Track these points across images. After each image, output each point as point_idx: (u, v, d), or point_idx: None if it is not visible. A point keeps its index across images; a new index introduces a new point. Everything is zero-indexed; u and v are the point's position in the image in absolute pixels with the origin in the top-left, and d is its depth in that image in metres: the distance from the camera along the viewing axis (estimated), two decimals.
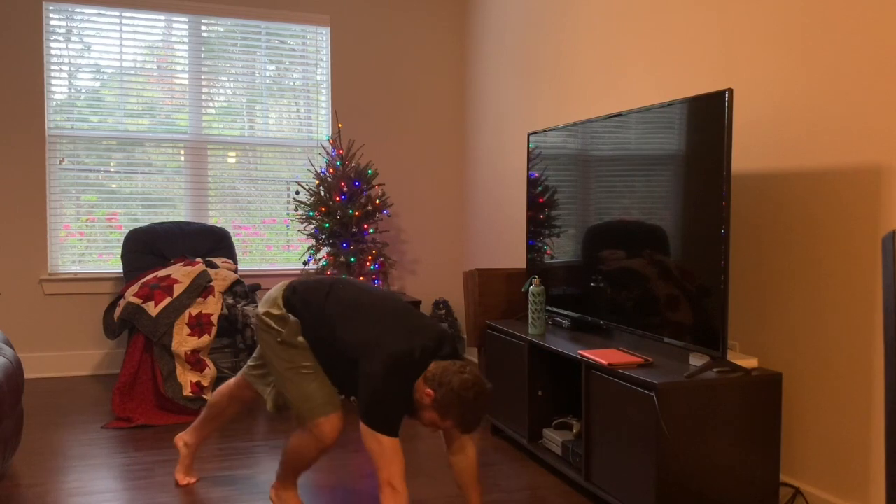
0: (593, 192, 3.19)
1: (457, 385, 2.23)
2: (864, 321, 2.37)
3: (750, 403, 2.50)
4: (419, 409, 2.34)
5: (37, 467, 3.15)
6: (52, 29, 4.84)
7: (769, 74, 2.72)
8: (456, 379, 2.24)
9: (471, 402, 2.23)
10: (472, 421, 2.25)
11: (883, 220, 2.30)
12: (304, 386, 2.47)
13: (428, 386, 2.28)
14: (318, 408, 2.46)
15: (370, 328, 2.39)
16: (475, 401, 2.24)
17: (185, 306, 4.10)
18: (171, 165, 5.10)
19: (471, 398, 2.23)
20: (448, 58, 5.60)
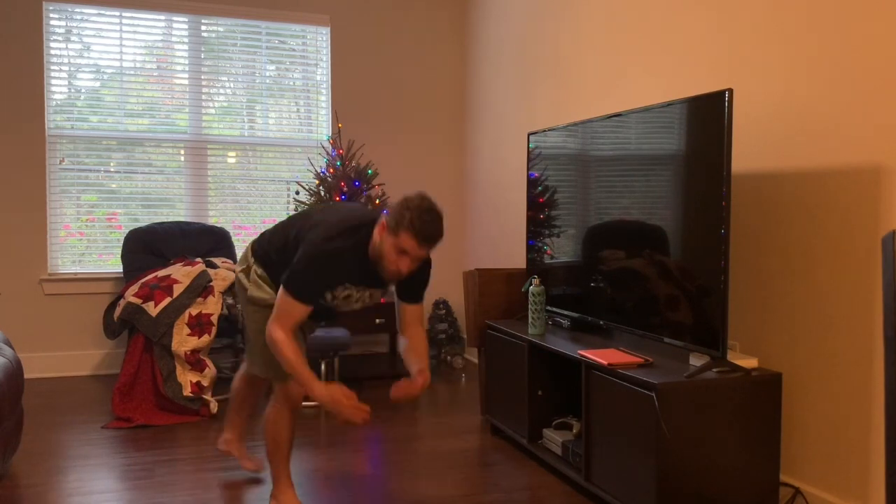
0: (593, 192, 3.19)
1: (400, 200, 2.35)
2: (864, 321, 2.37)
3: (750, 403, 2.50)
4: (380, 259, 2.38)
5: (37, 467, 3.15)
6: (52, 29, 4.84)
7: (769, 74, 2.72)
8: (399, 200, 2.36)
9: (416, 203, 2.30)
10: (424, 222, 2.28)
11: (883, 220, 2.30)
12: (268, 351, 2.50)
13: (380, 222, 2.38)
14: (283, 374, 2.55)
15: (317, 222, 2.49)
16: (421, 202, 2.31)
17: (185, 306, 4.09)
18: (171, 165, 5.10)
19: (416, 201, 2.31)
20: (448, 58, 5.60)
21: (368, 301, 2.60)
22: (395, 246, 2.33)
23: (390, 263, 2.36)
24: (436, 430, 3.71)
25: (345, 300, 2.54)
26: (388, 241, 2.34)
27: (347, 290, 2.50)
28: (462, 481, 3.02)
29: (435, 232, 2.31)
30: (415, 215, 2.28)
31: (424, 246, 2.32)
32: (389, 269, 2.38)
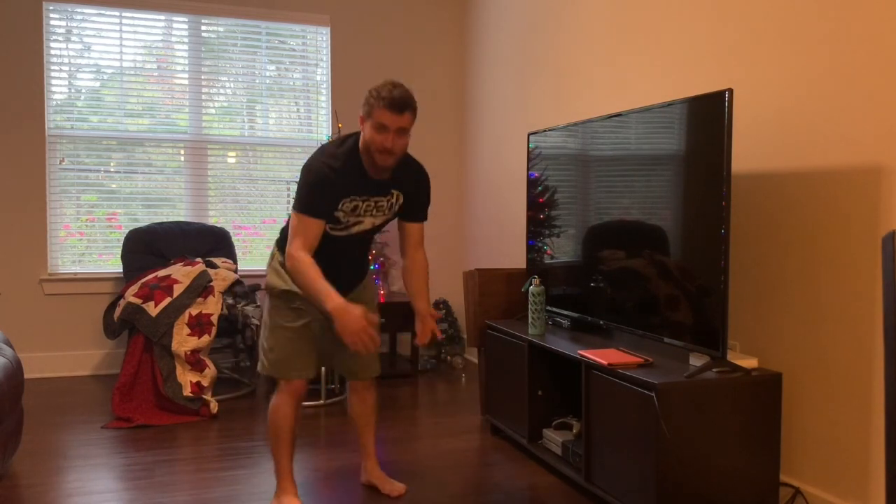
0: (593, 192, 3.19)
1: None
2: (864, 321, 2.37)
3: (750, 403, 2.50)
4: (370, 151, 2.45)
5: (37, 467, 3.15)
6: (52, 29, 4.84)
7: (769, 74, 2.72)
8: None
9: (380, 84, 2.45)
10: (391, 92, 2.39)
11: (883, 221, 2.31)
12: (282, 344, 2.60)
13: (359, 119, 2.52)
14: (289, 370, 2.62)
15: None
16: (384, 82, 2.45)
17: (185, 306, 4.10)
18: (171, 165, 5.10)
19: (380, 83, 2.45)
20: (448, 58, 5.60)
21: (377, 215, 2.61)
22: (375, 126, 2.41)
23: (377, 146, 2.42)
24: (436, 430, 3.71)
25: (354, 214, 2.55)
26: (368, 126, 2.44)
27: (353, 202, 2.52)
28: (462, 481, 3.02)
29: (403, 96, 2.39)
30: (382, 91, 2.41)
31: (397, 113, 2.39)
32: (380, 153, 2.43)
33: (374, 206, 2.57)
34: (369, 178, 2.53)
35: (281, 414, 2.65)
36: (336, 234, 2.57)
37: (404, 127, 2.42)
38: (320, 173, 2.45)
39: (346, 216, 2.54)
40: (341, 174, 2.46)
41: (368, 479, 2.94)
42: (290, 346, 2.61)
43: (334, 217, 2.52)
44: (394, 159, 2.46)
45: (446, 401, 4.30)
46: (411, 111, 2.43)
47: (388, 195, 2.59)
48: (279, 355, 2.62)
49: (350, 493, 2.90)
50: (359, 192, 2.52)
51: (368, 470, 2.94)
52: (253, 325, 4.40)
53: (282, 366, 2.62)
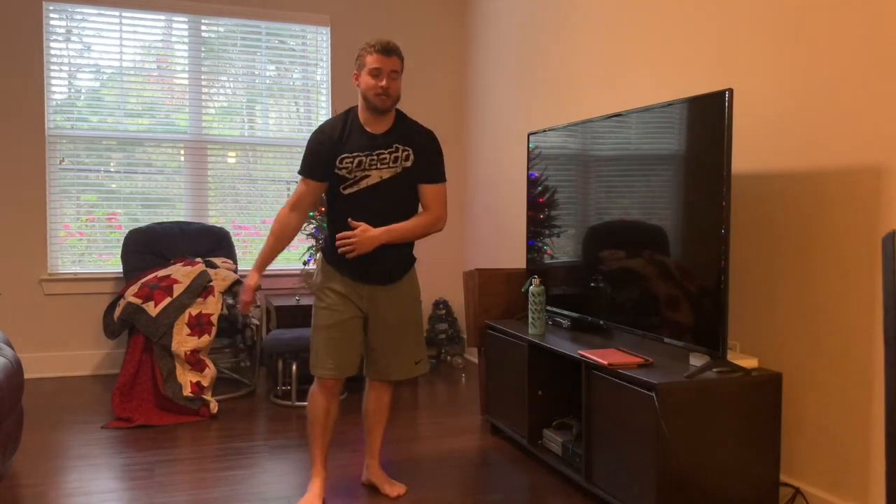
0: (593, 192, 3.19)
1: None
2: (864, 321, 2.37)
3: (750, 403, 2.50)
4: (367, 97, 2.64)
5: (37, 467, 3.15)
6: (52, 29, 4.84)
7: (769, 74, 2.72)
8: None
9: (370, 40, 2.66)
10: (377, 40, 2.63)
11: (883, 220, 2.31)
12: (318, 343, 2.73)
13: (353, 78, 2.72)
14: (320, 368, 2.73)
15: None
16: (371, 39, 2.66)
17: (184, 306, 4.10)
18: (171, 165, 5.10)
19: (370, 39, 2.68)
20: (448, 58, 5.60)
21: (382, 168, 2.68)
22: (370, 73, 2.62)
23: (374, 89, 2.61)
24: (436, 430, 3.71)
25: (360, 169, 2.67)
26: (362, 76, 2.65)
27: (356, 157, 2.67)
28: (462, 481, 3.02)
29: (390, 42, 2.63)
30: (367, 42, 2.65)
31: (386, 55, 2.61)
32: (377, 96, 2.62)
33: (377, 159, 2.68)
34: (369, 134, 2.69)
35: (313, 405, 2.78)
36: (350, 191, 2.68)
37: (395, 70, 2.64)
38: (314, 139, 2.71)
39: (350, 172, 2.67)
40: (338, 135, 2.68)
41: (369, 478, 2.95)
42: (321, 344, 2.72)
43: (338, 175, 2.68)
44: (391, 101, 2.65)
45: (446, 401, 4.30)
46: (399, 56, 2.65)
47: (390, 148, 2.70)
48: (314, 351, 2.75)
49: (350, 493, 2.90)
50: (360, 149, 2.67)
51: (370, 469, 2.96)
52: (253, 325, 4.40)
53: (314, 362, 2.74)
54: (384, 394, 2.93)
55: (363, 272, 2.72)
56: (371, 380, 2.91)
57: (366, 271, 2.72)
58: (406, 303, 2.82)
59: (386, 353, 2.82)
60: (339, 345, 2.71)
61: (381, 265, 2.73)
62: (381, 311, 2.77)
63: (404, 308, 2.82)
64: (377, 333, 2.80)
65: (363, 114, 2.70)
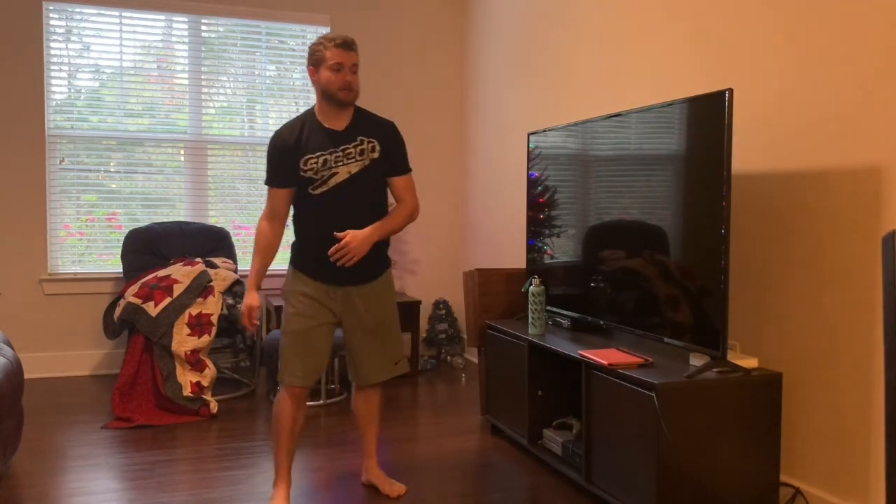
0: (593, 192, 3.19)
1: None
2: (864, 321, 2.37)
3: (750, 403, 2.50)
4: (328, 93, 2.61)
5: (37, 467, 3.15)
6: (52, 29, 4.84)
7: (769, 74, 2.72)
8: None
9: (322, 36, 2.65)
10: (334, 36, 2.61)
11: (883, 220, 2.31)
12: (287, 349, 2.68)
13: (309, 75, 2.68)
14: (289, 375, 2.67)
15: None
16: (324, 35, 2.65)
17: (184, 306, 4.10)
18: (170, 165, 5.10)
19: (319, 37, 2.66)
20: (448, 58, 5.60)
21: (349, 163, 2.64)
22: (329, 69, 2.59)
23: (338, 84, 2.59)
24: (436, 430, 3.71)
25: (326, 168, 2.63)
26: (321, 73, 2.61)
27: (320, 157, 2.63)
28: (462, 481, 3.02)
29: (347, 36, 2.62)
30: (323, 38, 2.62)
31: (347, 49, 2.60)
32: (341, 90, 2.60)
33: (342, 155, 2.65)
34: (330, 131, 2.66)
35: (281, 412, 2.71)
36: (320, 191, 2.63)
37: (356, 63, 2.63)
38: (273, 146, 2.68)
39: (317, 172, 2.63)
40: (295, 138, 2.64)
41: (369, 478, 2.95)
42: (290, 350, 2.67)
43: (304, 178, 2.63)
44: (354, 95, 2.63)
45: (446, 401, 4.30)
46: (356, 50, 2.65)
47: (355, 142, 2.67)
48: (283, 358, 2.69)
49: (350, 493, 2.90)
50: (323, 147, 2.63)
51: (369, 470, 2.95)
52: None
53: (283, 369, 2.69)
54: (372, 396, 2.90)
55: (337, 275, 2.67)
56: (357, 384, 2.88)
57: (340, 273, 2.66)
58: (383, 304, 2.77)
59: (368, 357, 2.78)
60: (308, 352, 2.66)
61: (357, 266, 2.67)
62: (358, 314, 2.72)
63: (382, 309, 2.77)
64: (356, 337, 2.76)
65: (322, 111, 2.66)
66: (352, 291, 2.71)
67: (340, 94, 2.60)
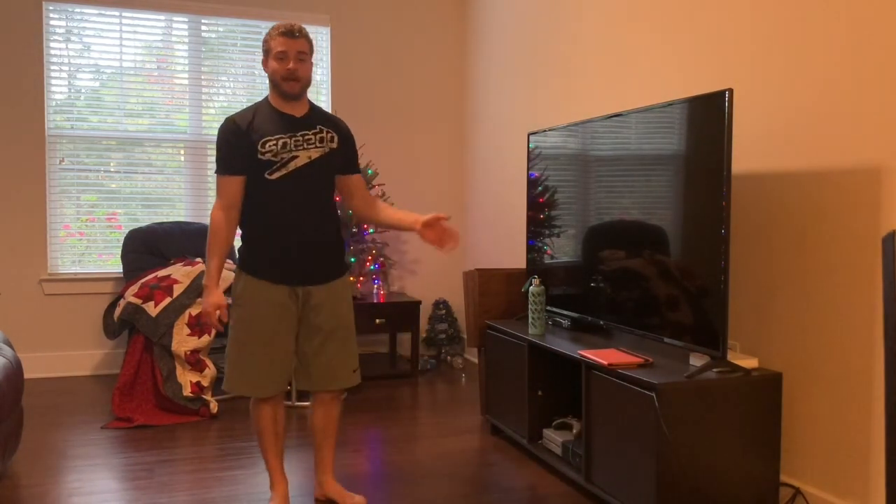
0: (593, 192, 3.19)
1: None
2: (864, 321, 2.37)
3: (750, 403, 2.50)
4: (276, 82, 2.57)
5: (37, 467, 3.15)
6: (52, 29, 4.84)
7: (769, 74, 2.72)
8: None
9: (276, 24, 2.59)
10: (280, 24, 2.56)
11: (883, 220, 2.31)
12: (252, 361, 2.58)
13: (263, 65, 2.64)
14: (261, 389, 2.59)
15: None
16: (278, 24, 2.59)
17: (184, 306, 4.10)
18: (171, 165, 5.10)
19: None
20: (448, 58, 5.60)
21: (310, 147, 2.58)
22: (275, 58, 2.54)
23: (281, 73, 2.54)
24: (436, 430, 3.71)
25: (286, 150, 2.55)
26: (269, 62, 2.58)
27: (279, 139, 2.55)
28: (462, 481, 3.03)
29: (294, 24, 2.55)
30: (272, 28, 2.58)
31: (292, 38, 2.54)
32: (284, 80, 2.54)
33: (302, 140, 2.58)
34: (288, 116, 2.60)
35: (261, 417, 2.65)
36: (277, 175, 2.53)
37: (303, 51, 2.55)
38: (224, 131, 2.57)
39: (276, 154, 2.53)
40: (247, 123, 2.55)
41: (325, 493, 2.80)
42: (259, 362, 2.56)
43: (263, 161, 2.52)
44: (300, 85, 2.57)
45: (446, 401, 4.30)
46: (305, 37, 2.57)
47: (314, 129, 2.62)
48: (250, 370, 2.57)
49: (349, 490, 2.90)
50: (281, 131, 2.56)
51: (325, 485, 2.80)
52: None
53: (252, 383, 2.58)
54: (332, 407, 2.75)
55: (299, 273, 2.56)
56: (315, 392, 2.72)
57: (302, 271, 2.56)
58: (343, 306, 2.66)
59: (327, 360, 2.64)
60: (281, 360, 2.57)
61: (317, 261, 2.60)
62: (316, 315, 2.60)
63: (341, 311, 2.66)
64: (314, 341, 2.62)
65: (276, 100, 2.60)
66: (312, 291, 2.59)
67: (284, 85, 2.54)
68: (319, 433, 2.78)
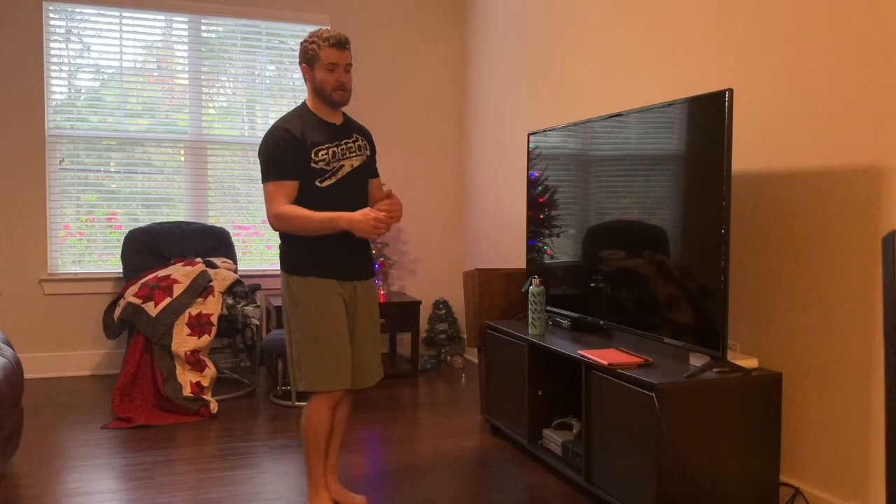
0: (593, 192, 3.19)
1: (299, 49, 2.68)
2: (864, 321, 2.37)
3: (750, 403, 2.50)
4: (322, 93, 2.60)
5: (37, 467, 3.15)
6: (52, 29, 4.84)
7: (769, 74, 2.72)
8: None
9: (311, 33, 2.63)
10: (329, 34, 2.58)
11: (883, 220, 2.31)
12: (324, 355, 2.57)
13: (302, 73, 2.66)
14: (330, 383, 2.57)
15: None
16: (318, 31, 2.62)
17: (184, 306, 4.10)
18: (171, 165, 5.10)
19: (312, 33, 2.64)
20: (448, 57, 5.60)
21: (352, 156, 2.65)
22: (324, 68, 2.57)
23: (330, 84, 2.58)
24: (436, 430, 3.71)
25: (335, 160, 2.61)
26: (316, 72, 2.59)
27: (328, 149, 2.60)
28: (462, 481, 3.03)
29: (343, 36, 2.59)
30: (317, 36, 2.59)
31: (342, 49, 2.58)
32: (336, 91, 2.59)
33: (345, 148, 2.65)
34: (331, 125, 2.65)
35: (321, 422, 2.60)
36: (327, 184, 2.59)
37: (350, 63, 2.61)
38: (279, 138, 2.57)
39: (328, 164, 2.60)
40: (300, 131, 2.59)
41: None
42: (330, 355, 2.56)
43: (316, 170, 2.58)
44: (348, 95, 2.63)
45: (446, 401, 4.30)
46: (349, 49, 2.63)
47: (352, 138, 2.69)
48: (320, 365, 2.57)
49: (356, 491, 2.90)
50: (329, 140, 2.61)
51: (330, 487, 2.76)
52: (253, 325, 4.40)
53: (322, 377, 2.56)
54: (345, 405, 2.76)
55: (351, 267, 2.63)
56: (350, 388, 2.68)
57: (354, 265, 2.64)
58: (376, 301, 2.76)
59: (363, 359, 2.68)
60: (344, 353, 2.58)
61: (363, 256, 2.68)
62: (360, 311, 2.66)
63: (375, 307, 2.74)
64: (357, 338, 2.66)
65: (317, 108, 2.64)
66: (358, 286, 2.66)
67: (335, 95, 2.59)
68: (333, 432, 2.75)
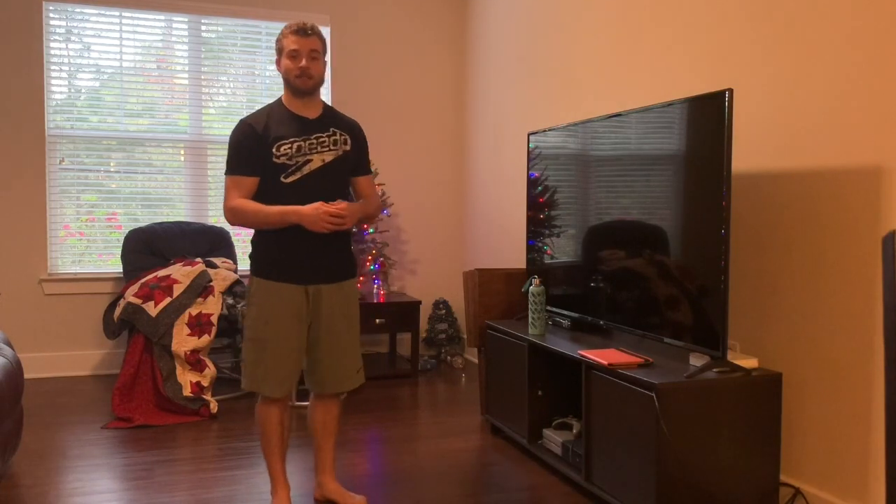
0: (593, 192, 3.19)
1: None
2: (864, 321, 2.37)
3: (750, 403, 2.50)
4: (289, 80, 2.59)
5: (37, 467, 3.15)
6: (52, 29, 4.84)
7: (769, 74, 2.72)
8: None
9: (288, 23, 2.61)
10: (293, 23, 2.58)
11: (883, 220, 2.31)
12: (266, 359, 2.59)
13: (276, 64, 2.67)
14: (269, 388, 2.59)
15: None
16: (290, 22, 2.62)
17: (184, 306, 4.10)
18: (171, 165, 5.10)
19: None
20: (448, 57, 5.60)
21: (323, 151, 2.60)
22: (288, 56, 2.57)
23: (294, 71, 2.56)
24: (436, 430, 3.71)
25: (300, 154, 2.57)
26: (282, 60, 2.60)
27: (293, 143, 2.57)
28: (462, 481, 3.03)
29: (306, 23, 2.57)
30: (284, 27, 2.60)
31: (304, 35, 2.56)
32: (297, 78, 2.56)
33: (316, 142, 2.60)
34: (302, 118, 2.61)
35: (268, 420, 2.64)
36: (292, 178, 2.55)
37: (315, 49, 2.57)
38: (239, 133, 2.57)
39: (291, 158, 2.55)
40: (263, 125, 2.57)
41: (325, 494, 2.79)
42: (271, 360, 2.57)
43: (277, 164, 2.54)
44: (313, 82, 2.58)
45: (446, 401, 4.30)
46: (317, 35, 2.58)
47: (328, 132, 2.63)
48: (262, 368, 2.59)
49: (350, 490, 2.90)
50: (295, 134, 2.58)
51: (325, 486, 2.79)
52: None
53: (262, 379, 2.59)
54: (333, 407, 2.77)
55: (315, 270, 2.58)
56: (318, 393, 2.73)
57: (317, 269, 2.58)
58: (352, 305, 2.69)
59: (335, 362, 2.66)
60: (294, 359, 2.59)
61: (333, 258, 2.62)
62: (327, 315, 2.61)
63: (350, 311, 2.68)
64: (323, 341, 2.63)
65: (290, 101, 2.63)
66: (322, 290, 2.60)
67: (297, 81, 2.56)
68: (319, 433, 2.79)
